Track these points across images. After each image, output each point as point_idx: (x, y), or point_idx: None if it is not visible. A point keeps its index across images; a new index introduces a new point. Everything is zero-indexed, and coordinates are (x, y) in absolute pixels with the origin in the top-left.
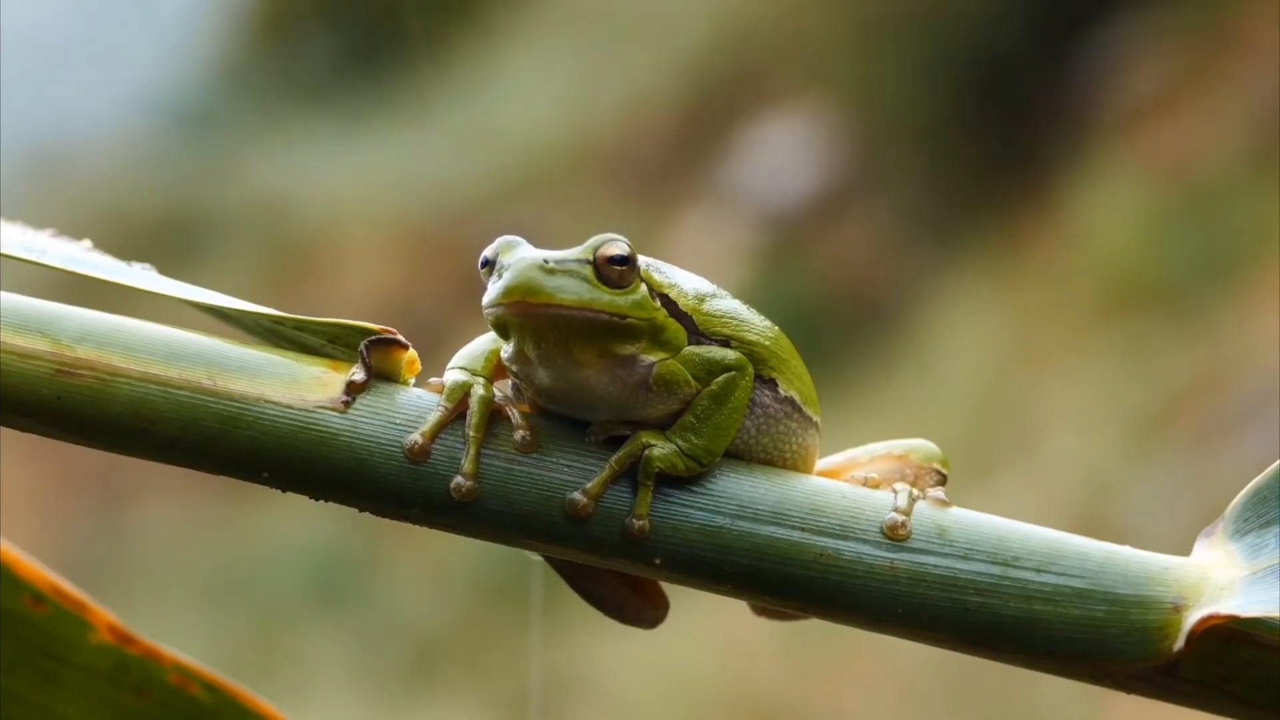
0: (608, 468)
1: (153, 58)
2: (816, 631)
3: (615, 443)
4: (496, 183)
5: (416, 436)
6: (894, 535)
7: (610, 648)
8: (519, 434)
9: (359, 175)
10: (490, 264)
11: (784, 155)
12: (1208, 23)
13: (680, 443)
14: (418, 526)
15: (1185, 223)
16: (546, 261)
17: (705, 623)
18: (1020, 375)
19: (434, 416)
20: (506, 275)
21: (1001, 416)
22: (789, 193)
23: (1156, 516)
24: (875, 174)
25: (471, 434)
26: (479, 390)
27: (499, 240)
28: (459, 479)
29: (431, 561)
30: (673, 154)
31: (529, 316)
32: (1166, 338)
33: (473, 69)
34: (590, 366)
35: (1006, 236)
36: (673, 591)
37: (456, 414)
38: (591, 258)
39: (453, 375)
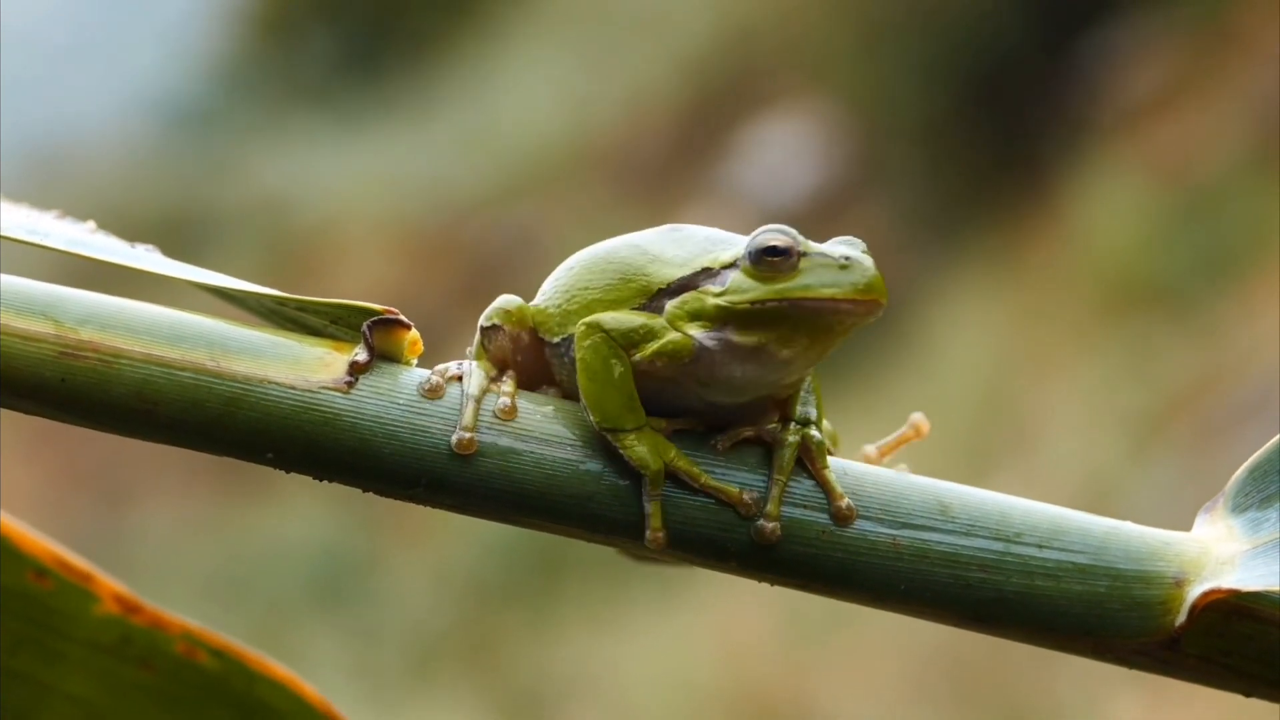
0: (775, 484)
1: (153, 58)
2: (816, 628)
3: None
4: (496, 183)
5: (461, 432)
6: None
7: (610, 648)
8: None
9: (359, 175)
10: (784, 253)
11: (784, 155)
12: (1208, 23)
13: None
14: (417, 527)
15: (1185, 223)
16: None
17: (704, 621)
18: (1020, 375)
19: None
20: (863, 270)
21: (1002, 416)
22: (789, 192)
23: (1156, 516)
24: (875, 174)
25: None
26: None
27: (783, 228)
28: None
29: (431, 561)
30: (673, 154)
31: (875, 315)
32: (1166, 337)
33: (473, 69)
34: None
35: (1006, 236)
36: (673, 589)
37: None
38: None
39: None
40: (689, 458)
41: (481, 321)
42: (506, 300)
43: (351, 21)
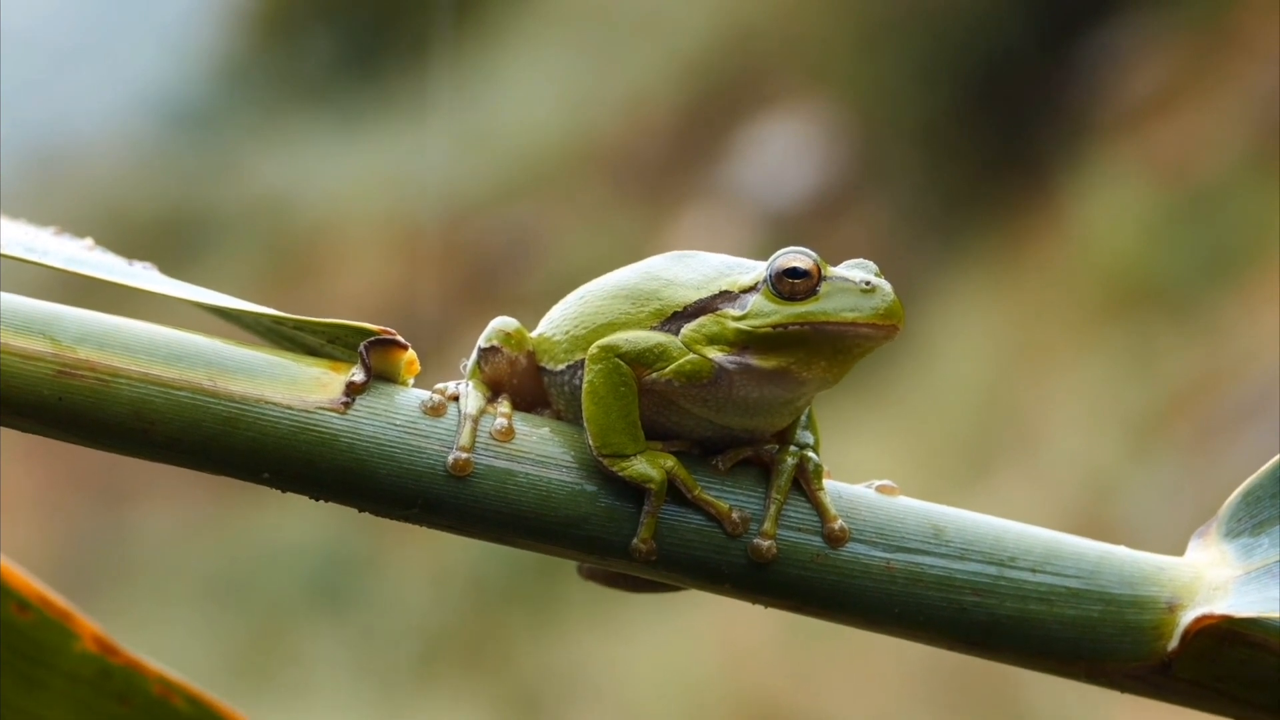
0: (773, 503)
1: (153, 58)
2: (816, 631)
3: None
4: (496, 183)
5: (458, 453)
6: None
7: (610, 648)
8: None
9: (359, 175)
10: (806, 274)
11: (784, 155)
12: (1208, 23)
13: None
14: (417, 528)
15: (1185, 223)
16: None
17: (705, 622)
18: (1020, 375)
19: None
20: (884, 295)
21: (1002, 416)
22: (789, 193)
23: (1157, 516)
24: (875, 174)
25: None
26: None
27: (805, 250)
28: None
29: (431, 561)
30: (673, 154)
31: (894, 339)
32: (1167, 338)
33: (473, 69)
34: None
35: (1007, 236)
36: (672, 592)
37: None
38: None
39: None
40: (686, 470)
41: (480, 343)
42: (505, 322)
43: (351, 21)
